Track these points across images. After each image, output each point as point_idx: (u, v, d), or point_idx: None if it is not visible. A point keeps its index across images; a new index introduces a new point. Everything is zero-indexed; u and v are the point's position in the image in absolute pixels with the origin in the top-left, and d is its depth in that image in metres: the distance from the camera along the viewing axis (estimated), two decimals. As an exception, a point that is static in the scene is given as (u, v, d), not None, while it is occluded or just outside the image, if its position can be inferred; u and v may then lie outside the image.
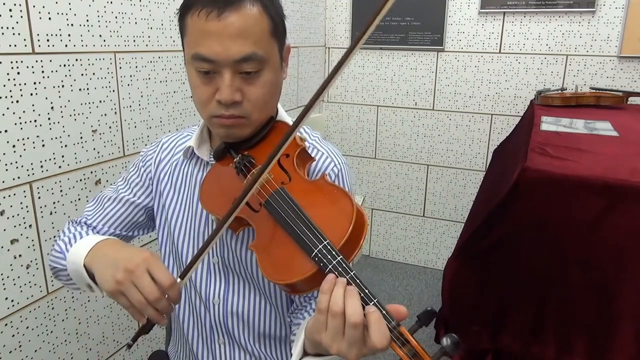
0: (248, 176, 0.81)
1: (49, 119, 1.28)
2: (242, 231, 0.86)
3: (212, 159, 0.91)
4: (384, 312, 0.62)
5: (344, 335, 0.61)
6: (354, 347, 0.61)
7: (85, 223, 1.01)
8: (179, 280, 0.75)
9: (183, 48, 0.85)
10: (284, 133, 0.85)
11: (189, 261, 0.93)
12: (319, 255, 0.65)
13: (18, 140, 1.21)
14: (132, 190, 1.00)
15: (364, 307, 0.61)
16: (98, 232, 0.99)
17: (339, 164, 0.90)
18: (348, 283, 0.63)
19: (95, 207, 1.02)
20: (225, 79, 0.78)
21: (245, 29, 0.77)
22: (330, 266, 0.64)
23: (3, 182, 1.19)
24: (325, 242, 0.66)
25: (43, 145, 1.27)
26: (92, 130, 1.41)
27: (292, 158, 0.80)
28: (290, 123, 0.92)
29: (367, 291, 0.63)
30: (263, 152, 0.84)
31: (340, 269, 0.64)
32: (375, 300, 0.62)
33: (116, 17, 1.43)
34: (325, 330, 0.62)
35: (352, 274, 0.64)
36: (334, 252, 0.65)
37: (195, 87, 0.83)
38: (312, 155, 0.87)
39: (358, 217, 0.68)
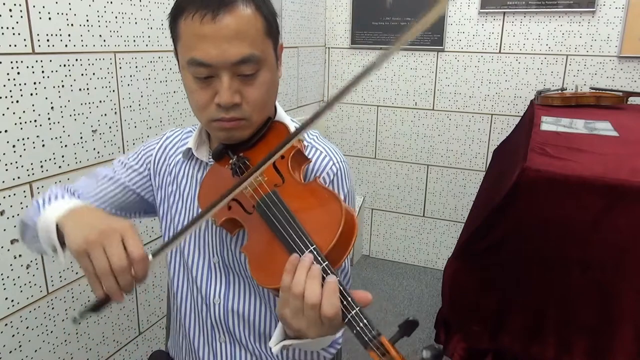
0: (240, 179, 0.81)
1: (49, 119, 1.28)
2: (239, 232, 0.86)
3: (212, 160, 0.91)
4: (364, 320, 0.61)
5: (303, 315, 0.64)
6: (312, 327, 0.64)
7: (73, 193, 0.97)
8: (150, 257, 0.71)
9: (176, 53, 0.84)
10: (281, 133, 0.85)
11: (193, 267, 0.94)
12: None
13: (18, 140, 1.21)
14: (129, 175, 1.00)
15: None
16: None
17: (338, 162, 0.89)
18: None
19: (88, 182, 0.99)
20: (224, 82, 0.78)
21: (241, 30, 0.77)
22: None
23: (3, 182, 1.19)
24: (311, 248, 0.66)
25: (43, 145, 1.27)
26: (92, 130, 1.41)
27: (287, 160, 0.80)
28: (288, 122, 0.92)
29: (349, 299, 0.63)
30: (259, 153, 0.84)
31: (324, 276, 0.64)
32: (357, 309, 0.62)
33: (116, 17, 1.43)
34: (288, 307, 0.65)
35: (336, 280, 0.64)
36: (319, 258, 0.65)
37: (193, 92, 0.82)
38: (310, 154, 0.87)
39: (347, 223, 0.67)
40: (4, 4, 1.14)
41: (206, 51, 0.76)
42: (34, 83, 1.23)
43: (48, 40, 1.25)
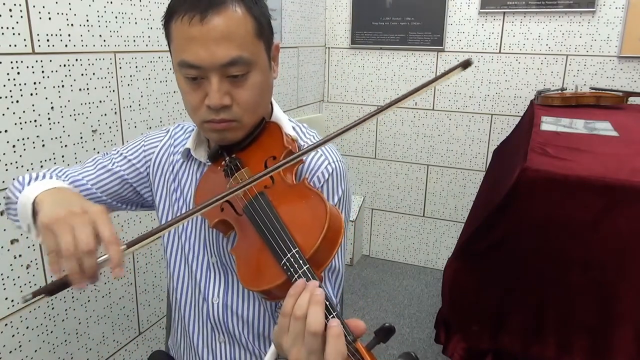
0: (231, 180, 0.81)
1: (49, 119, 1.28)
2: (232, 233, 0.85)
3: (209, 161, 0.92)
4: (343, 325, 0.59)
5: (304, 341, 0.59)
6: (312, 356, 0.59)
7: (66, 178, 0.93)
8: (124, 246, 0.66)
9: (171, 55, 0.84)
10: (274, 134, 0.85)
11: (193, 264, 0.94)
12: (287, 264, 0.64)
13: (18, 140, 1.21)
14: (127, 169, 0.99)
15: (327, 319, 0.59)
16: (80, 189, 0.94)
17: (334, 162, 0.88)
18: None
19: (86, 168, 0.97)
20: (213, 84, 0.78)
21: (230, 31, 0.77)
22: (296, 275, 0.63)
23: (3, 182, 1.19)
24: (294, 251, 0.65)
25: (43, 146, 1.27)
26: (92, 130, 1.41)
27: (278, 160, 0.79)
28: (285, 122, 0.92)
29: (327, 304, 0.60)
30: (252, 154, 0.84)
31: (304, 279, 0.62)
32: (334, 314, 0.60)
33: (116, 17, 1.43)
34: (287, 334, 0.61)
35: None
36: (301, 262, 0.64)
37: (185, 94, 0.83)
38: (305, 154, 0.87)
39: (331, 225, 0.66)
40: (4, 4, 1.14)
41: (195, 53, 0.77)
42: (34, 83, 1.23)
43: (48, 40, 1.25)
